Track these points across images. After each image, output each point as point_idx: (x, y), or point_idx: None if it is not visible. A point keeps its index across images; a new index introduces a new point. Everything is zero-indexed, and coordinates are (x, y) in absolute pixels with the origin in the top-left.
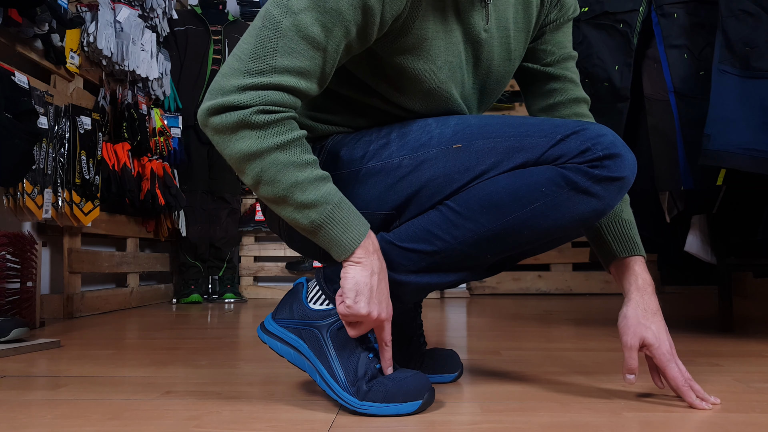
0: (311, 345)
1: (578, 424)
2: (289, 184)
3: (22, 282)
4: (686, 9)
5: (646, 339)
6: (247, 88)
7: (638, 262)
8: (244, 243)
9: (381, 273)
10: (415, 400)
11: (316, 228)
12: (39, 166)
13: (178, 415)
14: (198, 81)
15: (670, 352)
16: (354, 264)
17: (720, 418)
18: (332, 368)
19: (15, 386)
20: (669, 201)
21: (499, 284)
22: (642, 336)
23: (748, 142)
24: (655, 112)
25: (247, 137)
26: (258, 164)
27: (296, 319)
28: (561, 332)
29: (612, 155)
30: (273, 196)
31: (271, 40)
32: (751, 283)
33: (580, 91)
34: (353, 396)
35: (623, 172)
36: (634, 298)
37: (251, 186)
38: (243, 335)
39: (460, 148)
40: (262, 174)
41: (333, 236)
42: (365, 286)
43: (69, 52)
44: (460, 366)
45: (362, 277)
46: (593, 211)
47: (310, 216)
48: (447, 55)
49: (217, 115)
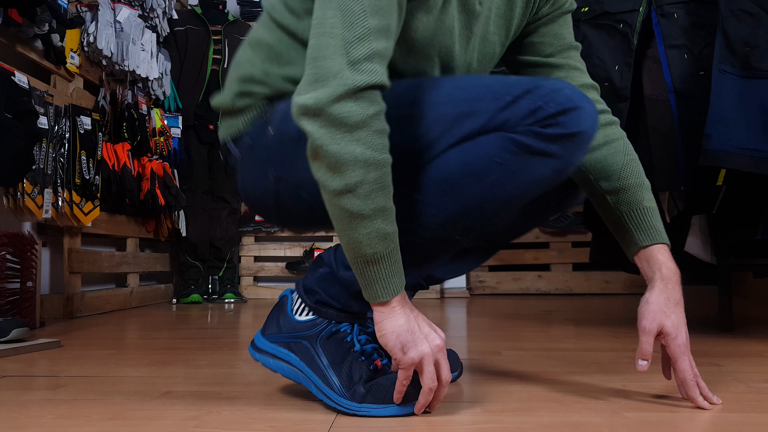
0: (303, 357)
1: (578, 424)
2: (379, 208)
3: (22, 282)
4: (686, 9)
5: (665, 327)
6: (355, 62)
7: (662, 250)
8: (244, 243)
9: (416, 314)
10: (413, 401)
11: (375, 261)
12: (39, 166)
13: (178, 415)
14: (198, 81)
15: (686, 345)
16: (387, 314)
17: (720, 418)
18: (326, 376)
19: (15, 386)
20: (669, 201)
21: (499, 284)
22: (661, 323)
23: (748, 142)
24: (655, 112)
25: (362, 141)
26: (361, 175)
27: (285, 333)
28: (561, 332)
29: (567, 110)
30: (353, 211)
31: (357, 1)
32: (751, 283)
33: (587, 78)
34: (350, 400)
35: (580, 126)
36: (658, 286)
37: (332, 190)
38: (243, 335)
39: (410, 115)
40: (361, 186)
41: (384, 275)
42: (407, 332)
43: (69, 52)
44: (459, 365)
45: (399, 325)
46: (554, 172)
47: (377, 247)
48: (443, 14)
49: (340, 103)
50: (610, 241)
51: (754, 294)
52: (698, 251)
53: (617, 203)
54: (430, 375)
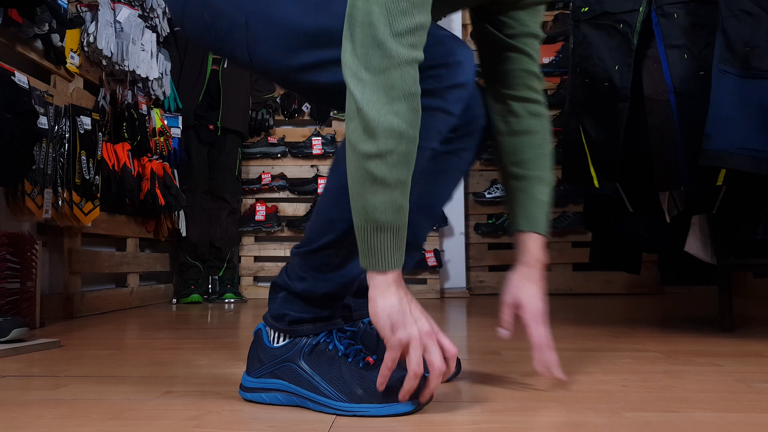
0: (291, 379)
1: (578, 424)
2: (402, 180)
3: (22, 282)
4: (686, 9)
5: (521, 300)
6: (401, 34)
7: (534, 239)
8: (244, 243)
9: (410, 299)
10: (413, 399)
11: (385, 229)
12: (39, 166)
13: (178, 415)
14: (198, 81)
15: (538, 316)
16: (382, 291)
17: (720, 418)
18: (317, 387)
19: (15, 386)
20: (669, 201)
21: (499, 284)
22: (517, 296)
23: (748, 142)
24: (656, 112)
25: (400, 115)
26: (394, 144)
27: (267, 363)
28: (561, 332)
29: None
30: (377, 176)
31: None
32: (751, 283)
33: (535, 66)
34: (347, 402)
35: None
36: (521, 268)
37: (363, 152)
38: (243, 335)
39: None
40: (390, 155)
41: (389, 246)
42: (398, 312)
43: (69, 52)
44: (458, 365)
45: (392, 305)
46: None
47: (390, 216)
48: None
49: (387, 74)
50: (610, 242)
51: (754, 294)
52: (698, 251)
53: (516, 187)
54: (417, 359)
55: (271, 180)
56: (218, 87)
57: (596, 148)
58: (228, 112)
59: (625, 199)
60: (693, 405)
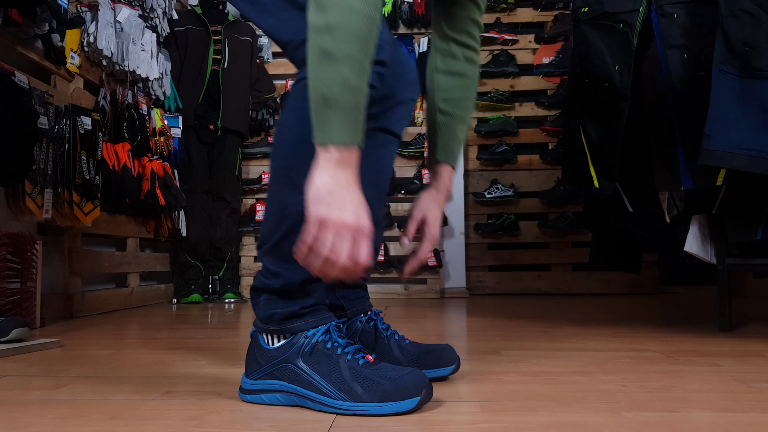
0: (290, 379)
1: (578, 423)
2: (350, 55)
3: (22, 282)
4: (686, 9)
5: (427, 217)
6: None
7: (448, 170)
8: (245, 243)
9: (349, 185)
10: (412, 398)
11: (330, 105)
12: (39, 166)
13: (178, 415)
14: (198, 81)
15: (435, 235)
16: (323, 167)
17: (720, 418)
18: (317, 387)
19: (15, 386)
20: (669, 201)
21: (499, 284)
22: (425, 214)
23: (747, 142)
24: (655, 112)
25: None
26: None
27: (265, 365)
28: (561, 332)
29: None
30: (324, 49)
31: None
32: (751, 283)
33: (479, 17)
34: (347, 401)
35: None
36: (432, 192)
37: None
38: (243, 335)
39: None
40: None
41: (335, 122)
42: (328, 192)
43: (69, 52)
44: (456, 359)
45: (326, 182)
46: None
47: (335, 91)
48: None
49: None
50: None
51: (754, 294)
52: (698, 251)
53: (442, 122)
54: (327, 244)
55: None
56: (218, 87)
57: (596, 148)
58: (228, 112)
59: (625, 199)
60: (693, 405)
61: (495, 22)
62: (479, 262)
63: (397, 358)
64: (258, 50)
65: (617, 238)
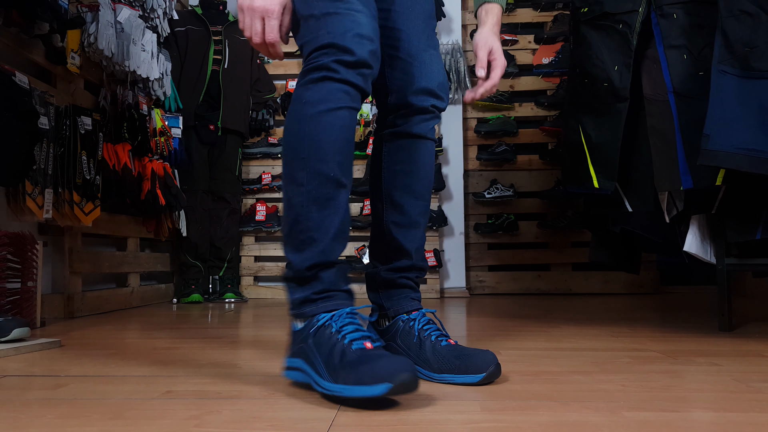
0: (305, 358)
1: (578, 423)
2: None
3: (22, 282)
4: (686, 9)
5: (493, 47)
6: None
7: (496, 6)
8: (245, 243)
9: None
10: (382, 383)
11: None
12: (39, 166)
13: (178, 415)
14: (198, 81)
15: (503, 62)
16: None
17: (720, 417)
18: (316, 366)
19: (15, 386)
20: (668, 201)
21: (499, 284)
22: (491, 44)
23: (747, 142)
24: (655, 112)
25: None
26: None
27: (292, 344)
28: (561, 332)
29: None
30: None
31: None
32: (751, 283)
33: None
34: (332, 382)
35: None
36: (489, 26)
37: None
38: (243, 335)
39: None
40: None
41: None
42: None
43: (70, 53)
44: (488, 367)
45: None
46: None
47: None
48: None
49: None
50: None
51: (754, 294)
52: (698, 251)
53: None
54: (247, 26)
55: (271, 180)
56: (219, 87)
57: (596, 148)
58: (228, 113)
59: (625, 199)
60: (692, 405)
61: None
62: (479, 262)
63: (429, 360)
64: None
65: (617, 238)
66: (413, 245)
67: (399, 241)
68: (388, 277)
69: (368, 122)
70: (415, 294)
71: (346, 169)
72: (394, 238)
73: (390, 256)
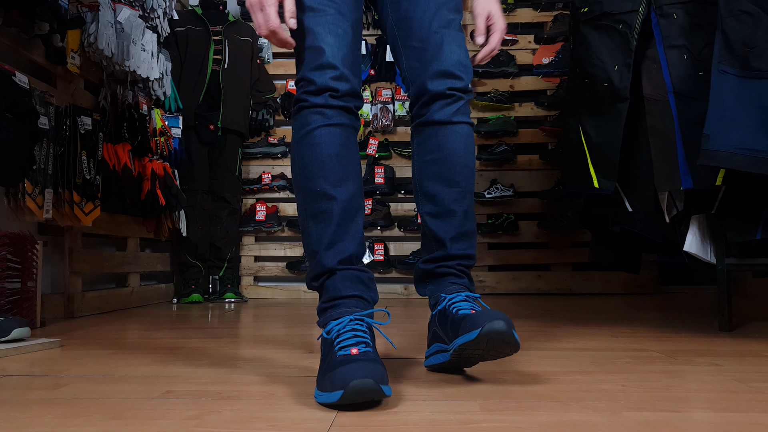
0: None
1: (578, 423)
2: None
3: (22, 282)
4: (686, 9)
5: (491, 12)
6: None
7: None
8: (245, 243)
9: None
10: (338, 390)
11: None
12: (39, 166)
13: (178, 415)
14: (198, 81)
15: (503, 26)
16: None
17: (720, 418)
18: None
19: (15, 386)
20: (668, 201)
21: (499, 284)
22: (489, 9)
23: (747, 142)
24: (655, 112)
25: None
26: None
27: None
28: (561, 332)
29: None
30: None
31: None
32: (751, 283)
33: None
34: (317, 389)
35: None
36: None
37: None
38: (243, 335)
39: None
40: None
41: None
42: None
43: (70, 53)
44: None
45: None
46: None
47: None
48: None
49: None
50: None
51: (754, 294)
52: (698, 251)
53: None
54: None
55: (271, 180)
56: (219, 87)
57: (596, 148)
58: (228, 113)
59: (625, 200)
60: (692, 405)
61: None
62: (479, 262)
63: (448, 333)
64: (258, 50)
65: (617, 238)
66: (448, 234)
67: (434, 231)
68: (426, 268)
69: (368, 122)
70: (456, 279)
71: (332, 182)
72: (429, 229)
73: (428, 247)
